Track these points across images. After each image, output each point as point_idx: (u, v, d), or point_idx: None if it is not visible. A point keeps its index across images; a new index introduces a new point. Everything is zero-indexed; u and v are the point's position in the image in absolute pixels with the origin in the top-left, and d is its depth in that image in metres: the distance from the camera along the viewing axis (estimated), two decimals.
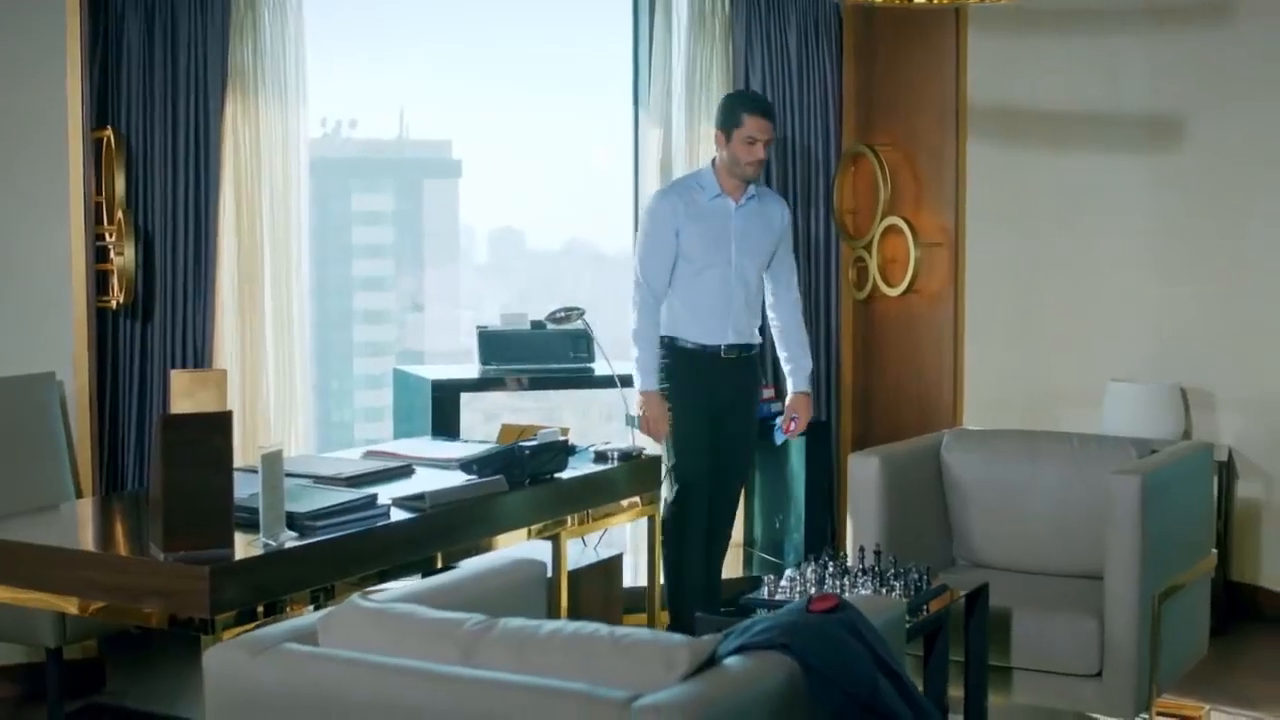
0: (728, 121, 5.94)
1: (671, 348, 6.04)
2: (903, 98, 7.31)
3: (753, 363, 6.18)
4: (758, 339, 6.16)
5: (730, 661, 2.88)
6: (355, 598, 3.16)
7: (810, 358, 6.25)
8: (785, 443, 6.85)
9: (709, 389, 6.01)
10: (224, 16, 6.27)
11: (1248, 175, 6.65)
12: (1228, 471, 6.63)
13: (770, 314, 6.21)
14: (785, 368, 6.24)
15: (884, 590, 4.31)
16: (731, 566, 6.98)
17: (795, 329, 6.22)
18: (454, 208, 9.75)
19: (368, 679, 2.91)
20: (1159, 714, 5.04)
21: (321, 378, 7.82)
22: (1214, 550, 5.51)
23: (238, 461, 4.33)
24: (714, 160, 6.06)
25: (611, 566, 5.91)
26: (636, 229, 6.29)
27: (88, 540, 4.52)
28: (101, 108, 6.11)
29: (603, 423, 7.45)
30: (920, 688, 4.03)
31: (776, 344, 6.24)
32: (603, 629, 2.93)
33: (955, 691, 4.66)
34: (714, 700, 2.71)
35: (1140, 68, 6.90)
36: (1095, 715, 4.95)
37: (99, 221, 6.04)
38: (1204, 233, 6.80)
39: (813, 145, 7.30)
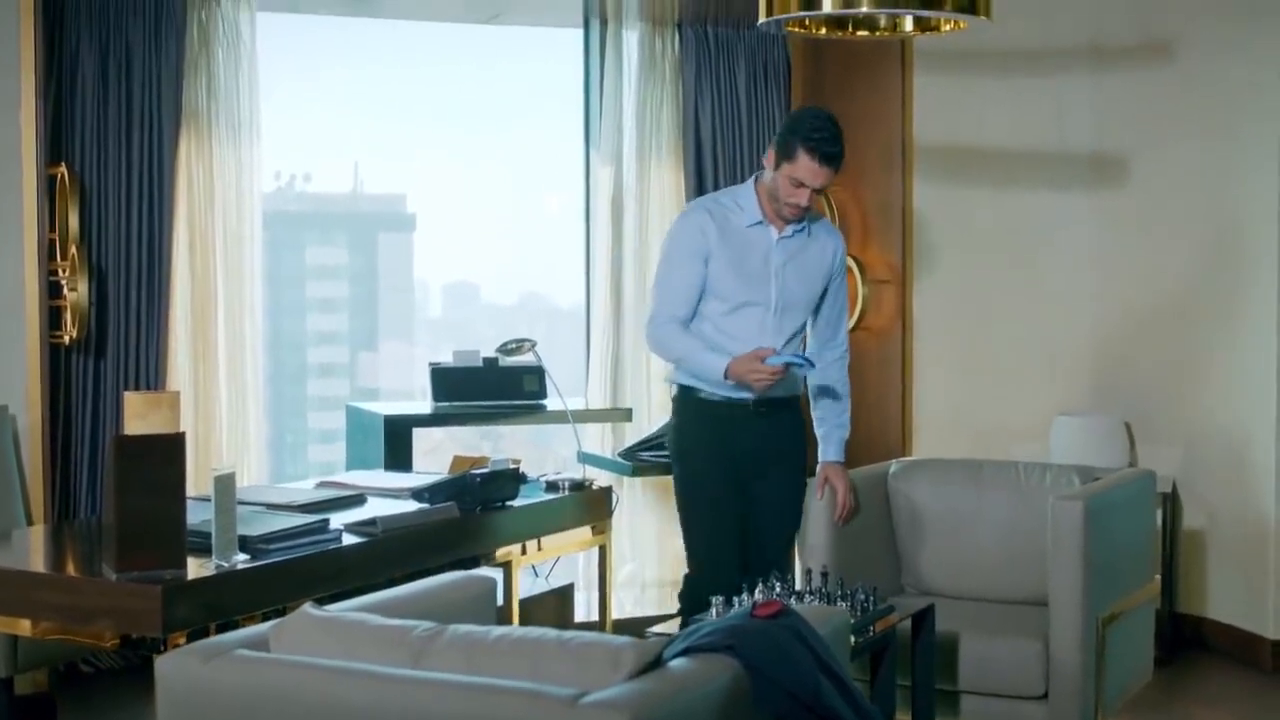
0: (782, 148, 4.86)
1: (686, 399, 5.09)
2: (850, 138, 7.32)
3: (795, 405, 5.15)
4: (800, 388, 5.19)
5: (676, 663, 2.93)
6: (306, 607, 3.20)
7: (848, 422, 5.23)
8: None
9: (734, 449, 5.03)
10: (178, 55, 6.34)
11: (1189, 213, 6.76)
12: (1173, 503, 6.72)
13: None
14: (817, 430, 5.21)
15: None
16: None
17: (836, 384, 5.18)
18: (409, 261, 9.78)
19: (318, 683, 2.94)
20: None
21: (275, 431, 7.84)
22: (1158, 576, 5.59)
23: (191, 491, 4.36)
24: (756, 177, 5.09)
25: (563, 596, 5.94)
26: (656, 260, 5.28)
27: (39, 562, 4.53)
28: (55, 144, 6.16)
29: (556, 458, 7.49)
30: None
31: (811, 400, 5.22)
32: (550, 632, 2.97)
33: (903, 716, 4.71)
34: (659, 698, 2.75)
35: (1084, 107, 7.03)
36: None
37: (52, 257, 6.07)
38: (1147, 269, 6.90)
39: None
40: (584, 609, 6.63)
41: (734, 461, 5.03)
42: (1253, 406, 6.48)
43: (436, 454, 7.20)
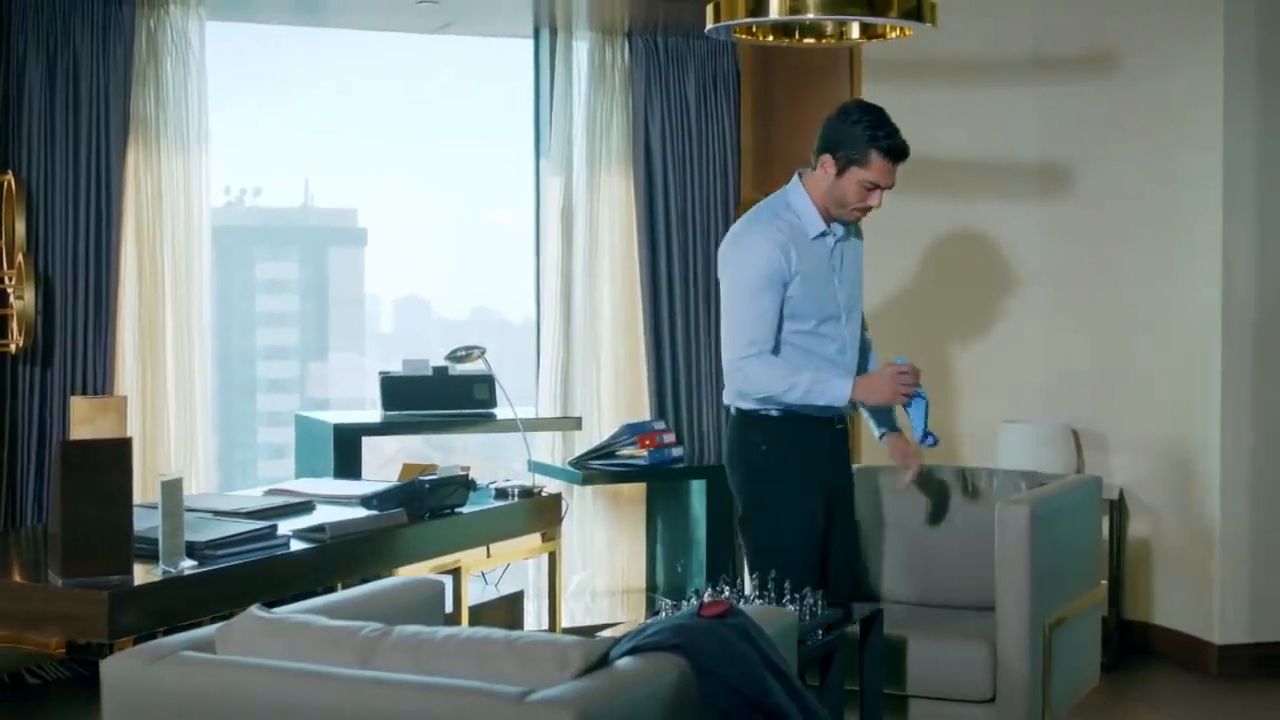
0: (849, 150, 4.57)
1: (761, 419, 4.68)
2: (800, 148, 7.39)
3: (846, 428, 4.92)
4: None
5: (623, 661, 2.94)
6: (253, 609, 3.19)
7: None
8: (687, 485, 6.95)
9: (821, 472, 4.74)
10: (126, 64, 6.32)
11: (1134, 223, 6.82)
12: (1119, 511, 6.77)
13: None
14: (867, 414, 4.98)
15: None
16: (634, 611, 7.05)
17: (872, 360, 5.03)
18: (360, 276, 9.75)
19: (264, 684, 2.93)
20: None
21: (224, 447, 7.80)
22: (1104, 581, 5.62)
23: (138, 499, 4.35)
24: (800, 174, 4.76)
25: (513, 603, 5.94)
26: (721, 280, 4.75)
27: None
28: (2, 151, 6.13)
29: (506, 468, 7.49)
30: None
31: None
32: (497, 632, 2.97)
33: None
34: (606, 696, 2.76)
35: (1031, 118, 7.07)
36: None
37: None
38: (1094, 278, 6.96)
39: (711, 195, 7.41)
40: (534, 618, 6.63)
41: (821, 485, 4.73)
42: (1198, 414, 6.54)
43: (389, 468, 7.20)
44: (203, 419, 6.59)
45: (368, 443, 6.59)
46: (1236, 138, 6.44)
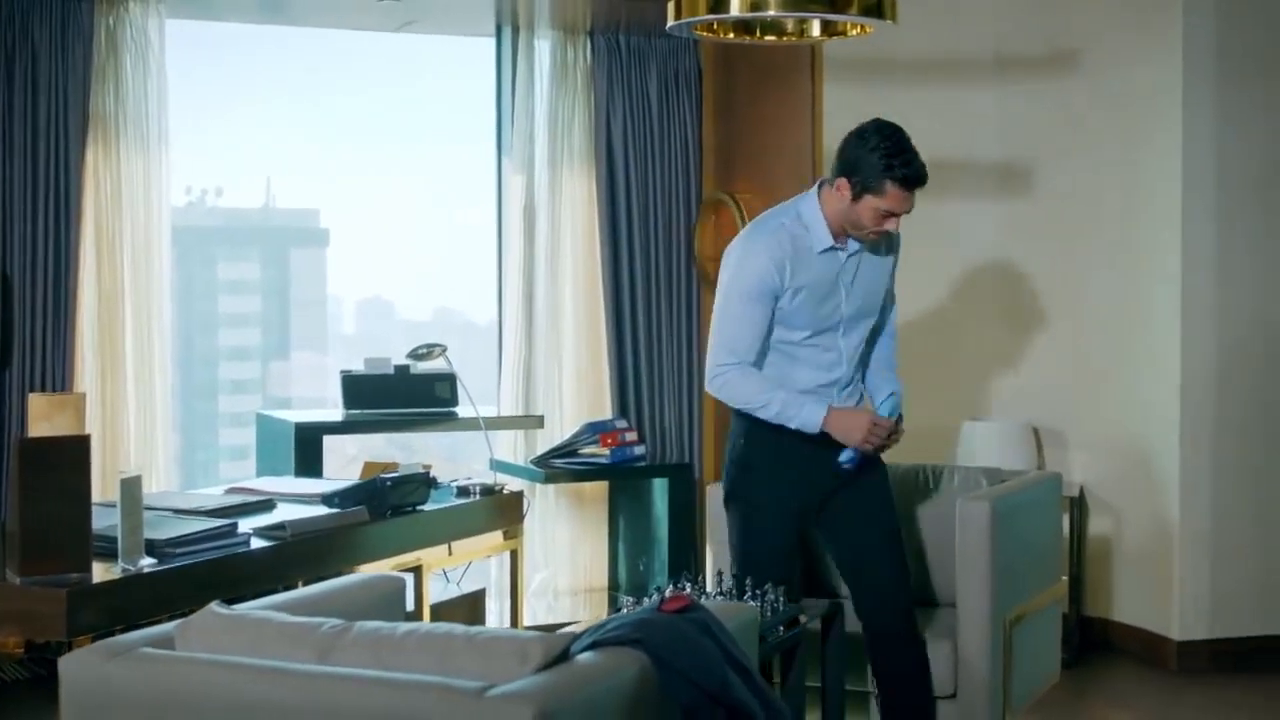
0: (865, 177, 4.42)
1: (745, 414, 4.64)
2: (761, 147, 7.45)
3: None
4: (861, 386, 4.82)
5: (583, 656, 2.93)
6: (213, 605, 3.18)
7: (900, 387, 4.89)
8: (649, 483, 6.96)
9: (807, 471, 4.63)
10: (85, 61, 6.29)
11: (1094, 221, 6.85)
12: (1080, 509, 6.80)
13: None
14: (871, 392, 4.86)
15: None
16: (597, 610, 7.04)
17: (888, 359, 4.94)
18: (322, 277, 9.72)
19: (224, 680, 2.92)
20: None
21: (186, 449, 7.77)
22: (1064, 578, 5.65)
23: (97, 498, 4.33)
24: (820, 184, 4.60)
25: (474, 601, 5.93)
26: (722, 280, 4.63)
27: None
28: None
29: (469, 468, 7.47)
30: None
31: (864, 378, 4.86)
32: (458, 628, 2.97)
33: (813, 716, 4.73)
34: (566, 690, 2.76)
35: (990, 117, 7.10)
36: None
37: None
38: (1052, 276, 6.99)
39: (673, 193, 7.42)
40: (495, 617, 6.62)
41: (795, 488, 4.63)
42: (1158, 413, 6.57)
43: (351, 469, 7.18)
44: (163, 419, 6.56)
45: (329, 444, 6.56)
46: (1195, 135, 6.46)
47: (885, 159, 4.38)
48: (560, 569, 7.32)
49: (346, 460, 7.23)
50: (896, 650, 4.71)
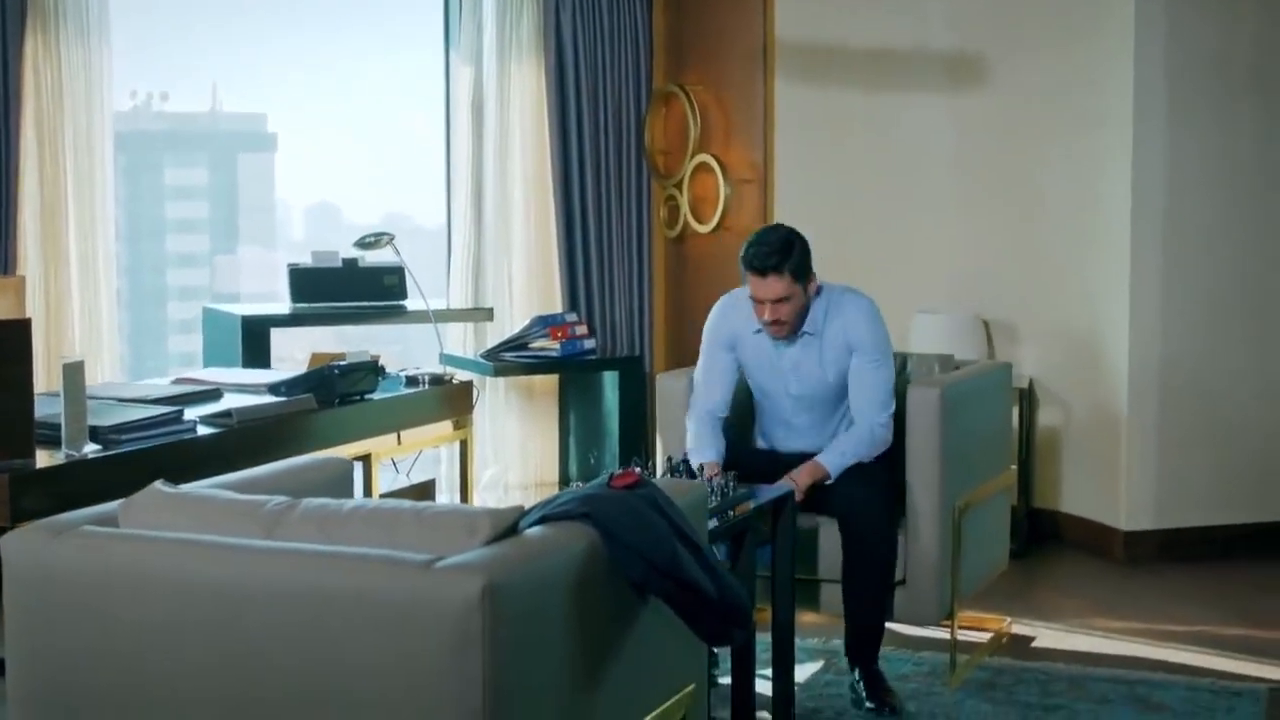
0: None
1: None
2: (713, 38, 7.38)
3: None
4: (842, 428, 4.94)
5: (532, 530, 2.91)
6: (157, 484, 3.14)
7: (856, 454, 4.80)
8: (599, 377, 6.93)
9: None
10: None
11: (1044, 115, 6.83)
12: (1029, 401, 6.82)
13: None
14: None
15: None
16: None
17: (849, 438, 4.84)
18: (270, 182, 9.64)
19: (169, 556, 2.89)
20: (962, 626, 5.17)
21: (134, 357, 7.70)
22: (1013, 467, 5.66)
23: (40, 387, 4.27)
24: None
25: (423, 492, 5.91)
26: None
27: None
28: None
29: (418, 360, 7.43)
30: None
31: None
32: (405, 504, 2.94)
33: (763, 605, 4.72)
34: (515, 561, 2.73)
35: (943, 9, 7.06)
36: (900, 623, 5.06)
37: None
38: (1004, 170, 6.97)
39: (624, 86, 7.36)
40: None
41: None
42: (1107, 307, 6.58)
43: (299, 368, 7.12)
44: (109, 317, 6.47)
45: (277, 345, 6.51)
46: (1147, 37, 6.42)
47: (745, 248, 4.73)
48: (511, 464, 7.31)
49: (295, 363, 7.18)
50: (867, 522, 4.71)
